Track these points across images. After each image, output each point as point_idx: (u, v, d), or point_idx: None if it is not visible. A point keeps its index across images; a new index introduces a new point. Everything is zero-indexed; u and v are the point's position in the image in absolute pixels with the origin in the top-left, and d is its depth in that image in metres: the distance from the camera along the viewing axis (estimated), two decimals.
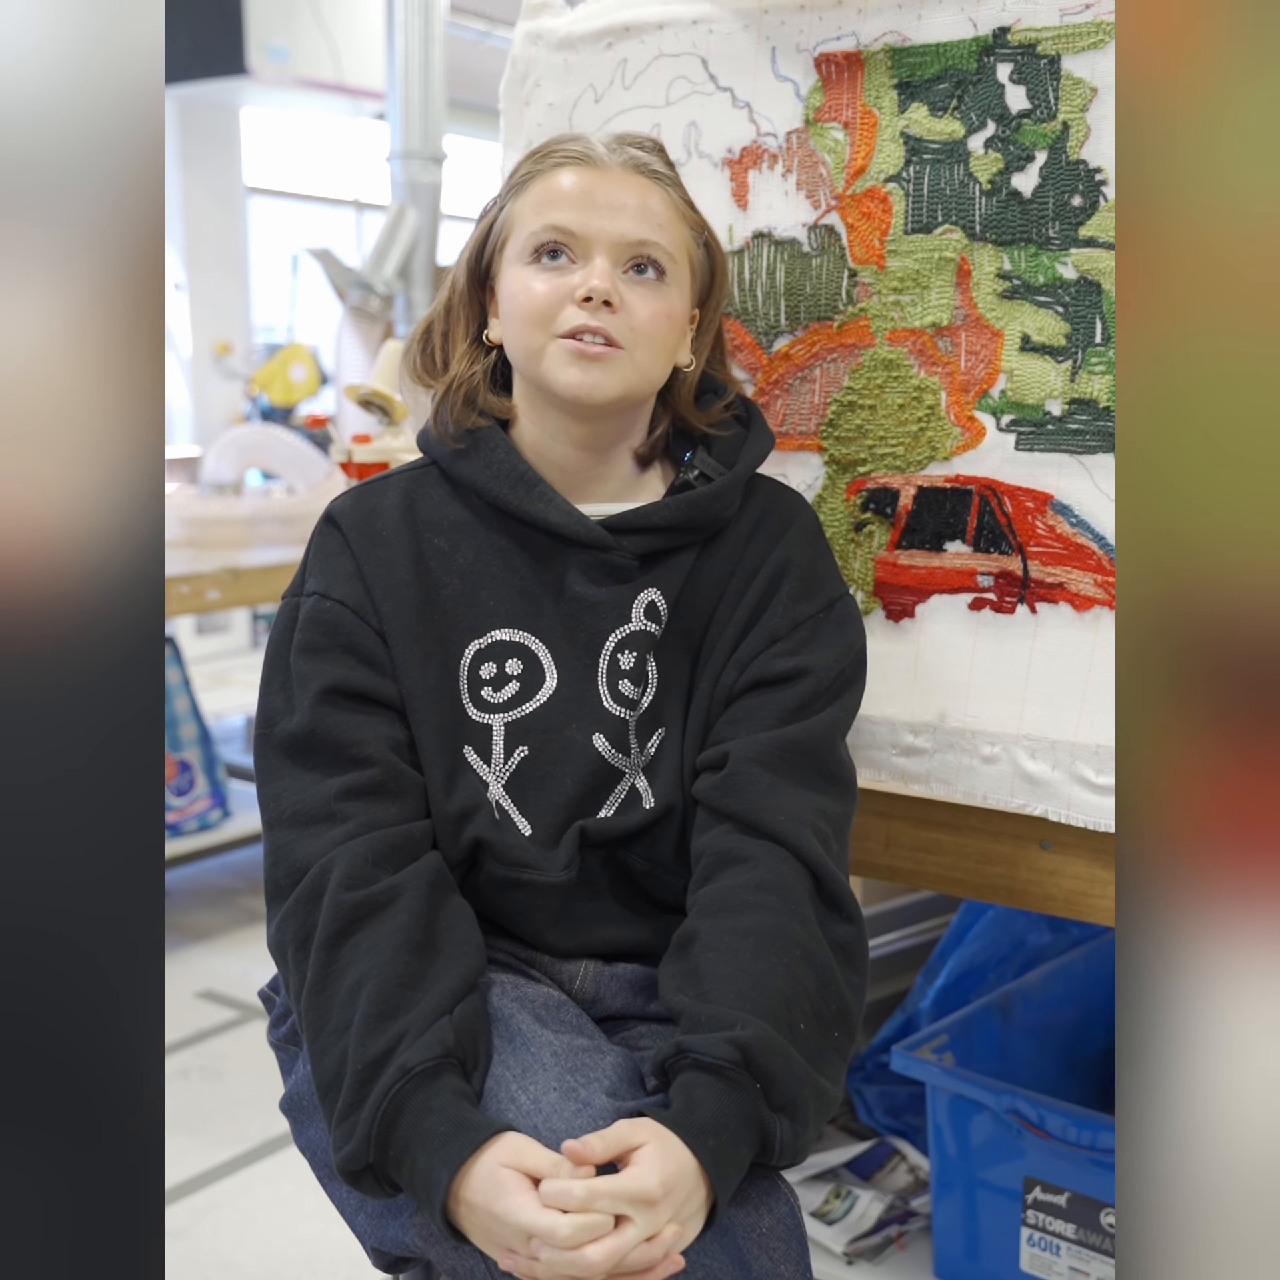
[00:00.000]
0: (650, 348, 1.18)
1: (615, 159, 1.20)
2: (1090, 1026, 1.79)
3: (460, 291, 1.25)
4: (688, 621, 1.24)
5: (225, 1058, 2.77)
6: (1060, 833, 1.35)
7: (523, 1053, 1.08)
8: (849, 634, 1.25)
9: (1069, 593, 1.32)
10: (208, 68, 6.15)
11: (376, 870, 1.11)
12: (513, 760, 1.20)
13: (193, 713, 3.52)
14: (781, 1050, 1.03)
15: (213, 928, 3.41)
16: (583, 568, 1.21)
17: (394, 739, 1.18)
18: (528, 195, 1.20)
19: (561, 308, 1.16)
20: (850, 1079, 1.85)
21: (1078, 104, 1.28)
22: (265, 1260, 2.13)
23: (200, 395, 7.58)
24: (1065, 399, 1.31)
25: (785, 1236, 1.06)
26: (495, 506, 1.22)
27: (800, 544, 1.26)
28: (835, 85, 1.40)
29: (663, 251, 1.18)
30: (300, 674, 1.18)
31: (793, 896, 1.12)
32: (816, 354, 1.43)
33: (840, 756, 1.22)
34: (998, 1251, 1.52)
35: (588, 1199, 0.93)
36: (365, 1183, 1.04)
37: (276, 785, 1.17)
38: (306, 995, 1.09)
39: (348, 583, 1.19)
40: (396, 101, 4.79)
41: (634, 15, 1.51)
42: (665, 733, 1.23)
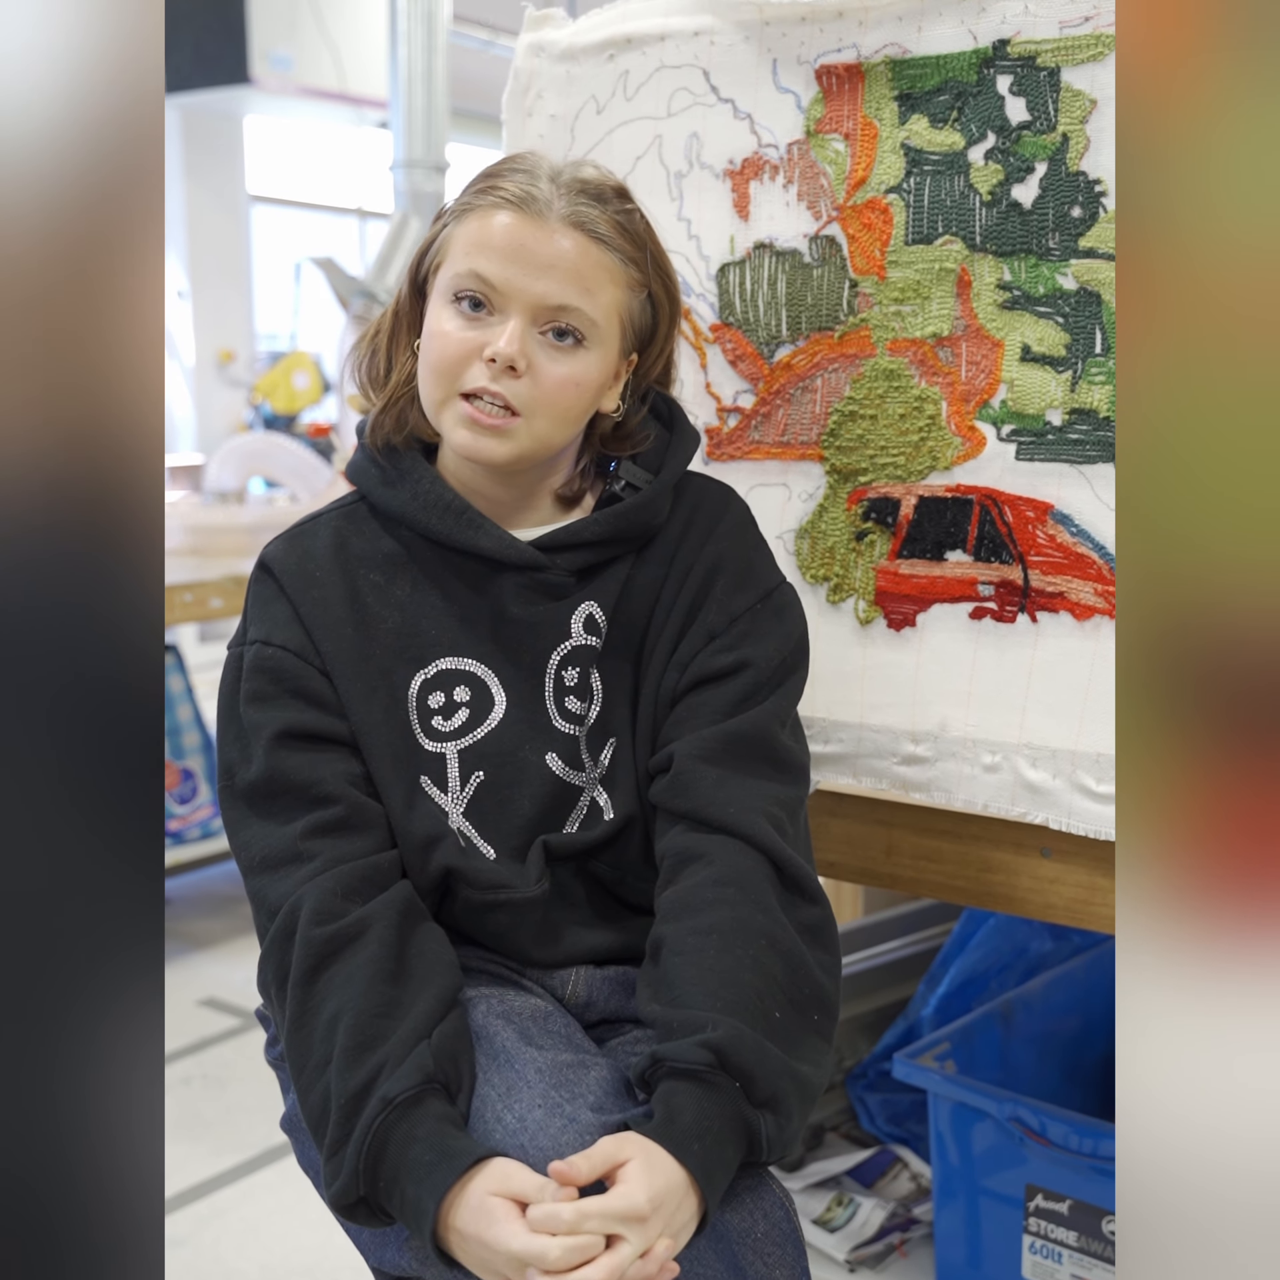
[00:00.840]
0: (550, 416, 1.16)
1: (556, 210, 1.15)
2: (1092, 1034, 1.79)
3: (404, 299, 1.24)
4: (627, 630, 1.24)
5: (227, 1066, 2.78)
6: (1061, 841, 1.35)
7: (507, 1070, 1.08)
8: (787, 622, 1.25)
9: (1069, 602, 1.32)
10: (211, 77, 6.18)
11: (346, 903, 1.11)
12: (469, 787, 1.21)
13: (195, 721, 3.53)
14: (756, 1045, 1.03)
15: (215, 936, 3.41)
16: (519, 589, 1.21)
17: (351, 774, 1.18)
18: (463, 228, 1.17)
19: (468, 364, 1.15)
20: (852, 1087, 1.85)
21: (1077, 116, 1.28)
22: (268, 1268, 2.13)
23: (203, 403, 7.59)
24: (1065, 409, 1.31)
25: (781, 1241, 1.06)
26: (425, 537, 1.22)
27: (731, 537, 1.26)
28: (836, 97, 1.40)
29: (584, 318, 1.15)
30: (252, 723, 1.18)
31: (752, 886, 1.12)
32: (818, 364, 1.44)
33: (785, 743, 1.21)
34: (1000, 1259, 1.52)
35: (576, 1221, 0.93)
36: (360, 1215, 1.04)
37: (244, 834, 1.17)
38: (287, 1033, 1.10)
39: (287, 627, 1.19)
40: (399, 110, 4.81)
41: (636, 27, 1.51)
42: (616, 743, 1.23)
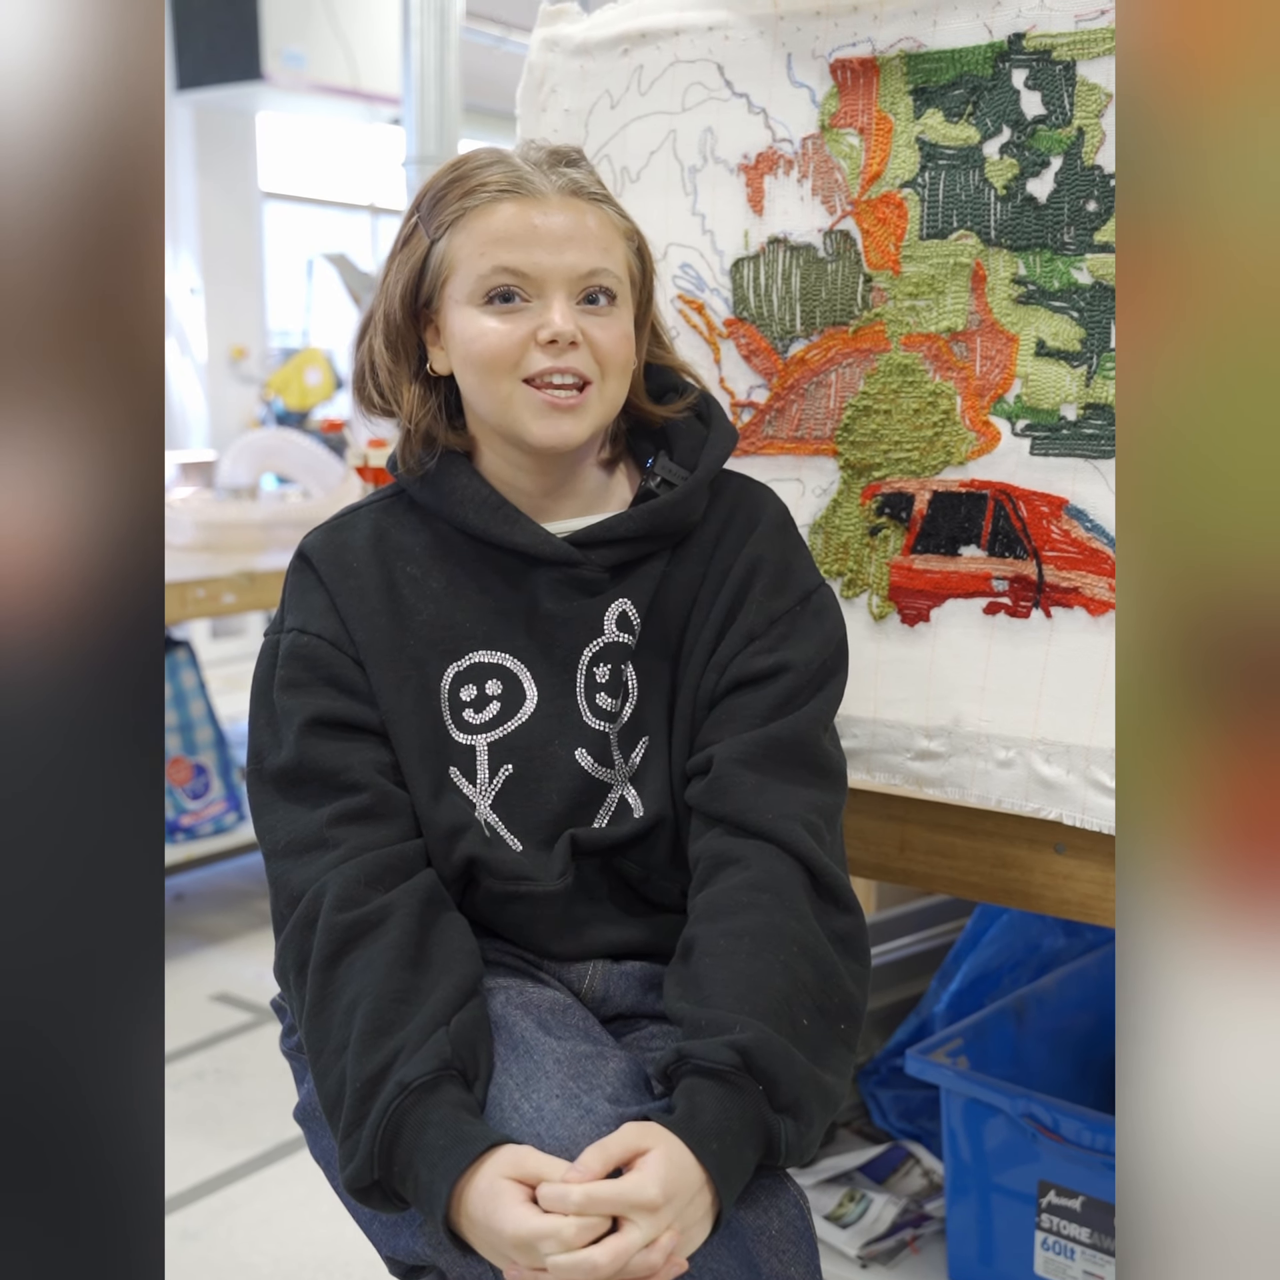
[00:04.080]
0: (616, 375, 1.19)
1: (551, 185, 1.17)
2: (1105, 1030, 1.79)
3: (397, 326, 1.21)
4: (664, 629, 1.23)
5: (240, 1060, 2.78)
6: (1075, 837, 1.35)
7: (525, 1060, 1.08)
8: (827, 625, 1.25)
9: (1084, 597, 1.32)
10: (224, 73, 6.17)
11: (369, 891, 1.12)
12: (498, 780, 1.21)
13: (208, 716, 3.54)
14: (782, 1050, 1.03)
15: (228, 931, 3.42)
16: (553, 585, 1.21)
17: (380, 762, 1.19)
18: (466, 233, 1.17)
19: (525, 352, 1.16)
20: (864, 1082, 1.85)
21: (1093, 110, 1.28)
22: (281, 1262, 2.14)
23: (216, 400, 7.60)
24: (1080, 404, 1.31)
25: (795, 1239, 1.06)
26: (463, 531, 1.23)
27: (770, 539, 1.25)
28: (851, 91, 1.40)
29: (612, 277, 1.18)
30: (284, 709, 1.19)
31: (787, 893, 1.12)
32: (832, 359, 1.44)
33: (825, 748, 1.21)
34: (1012, 1255, 1.52)
35: (585, 1204, 0.93)
36: (374, 1199, 1.05)
37: (270, 818, 1.18)
38: (306, 1018, 1.10)
39: (323, 617, 1.21)
40: (412, 106, 4.79)
41: (650, 22, 1.51)
42: (649, 741, 1.23)
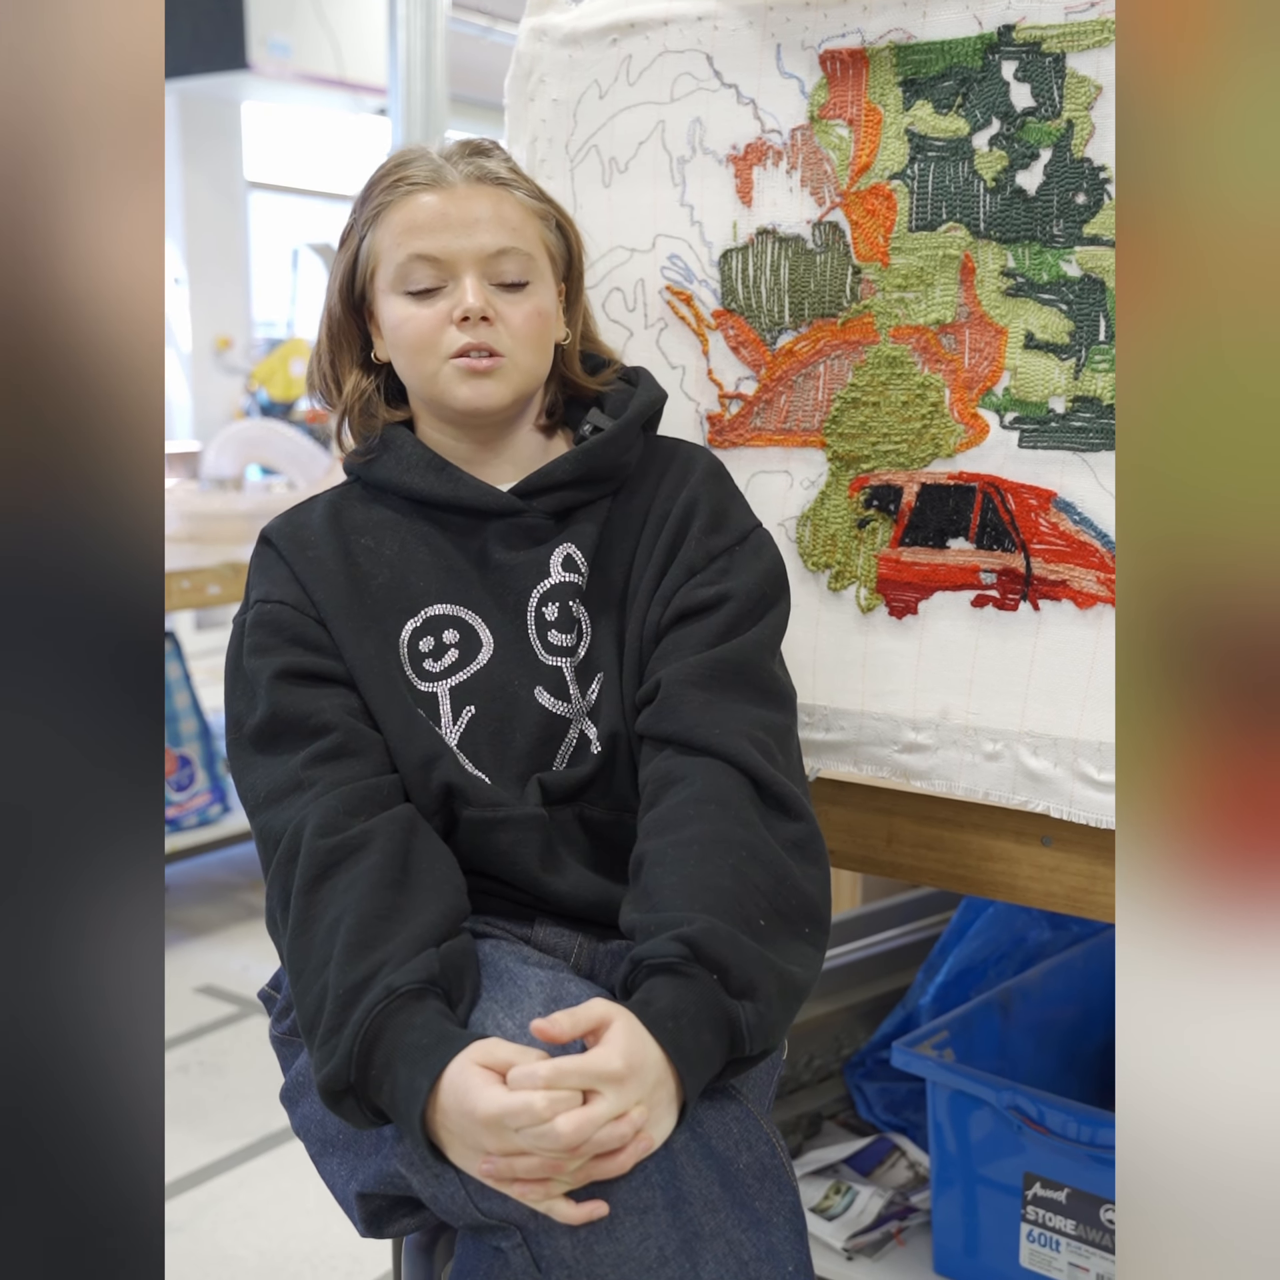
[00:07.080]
0: (530, 349, 1.26)
1: (460, 173, 1.25)
2: (1090, 1023, 1.79)
3: (338, 319, 1.32)
4: (610, 571, 1.29)
5: (225, 1053, 2.78)
6: (1062, 829, 1.35)
7: (510, 986, 1.10)
8: (765, 559, 1.29)
9: (1072, 590, 1.32)
10: (209, 62, 6.15)
11: (349, 819, 1.15)
12: (461, 720, 1.24)
13: (193, 708, 3.52)
14: (729, 937, 1.04)
15: (212, 923, 3.41)
16: (500, 536, 1.28)
17: (350, 706, 1.23)
18: (386, 226, 1.26)
19: (444, 332, 1.24)
20: (850, 1075, 1.86)
21: (1082, 102, 1.28)
22: (266, 1254, 2.13)
23: (200, 390, 7.58)
24: (1069, 396, 1.31)
25: (761, 1175, 1.07)
26: (411, 498, 1.30)
27: (706, 485, 1.31)
28: (840, 82, 1.40)
29: (521, 255, 1.25)
30: (254, 670, 1.24)
31: (732, 803, 1.14)
32: (820, 350, 1.43)
33: (773, 671, 1.25)
34: (997, 1247, 1.52)
35: (554, 1078, 0.94)
36: (346, 1105, 1.05)
37: (250, 777, 1.22)
38: (289, 941, 1.12)
39: (284, 585, 1.27)
40: (398, 97, 4.79)
41: (639, 11, 1.51)
42: (604, 677, 1.26)
